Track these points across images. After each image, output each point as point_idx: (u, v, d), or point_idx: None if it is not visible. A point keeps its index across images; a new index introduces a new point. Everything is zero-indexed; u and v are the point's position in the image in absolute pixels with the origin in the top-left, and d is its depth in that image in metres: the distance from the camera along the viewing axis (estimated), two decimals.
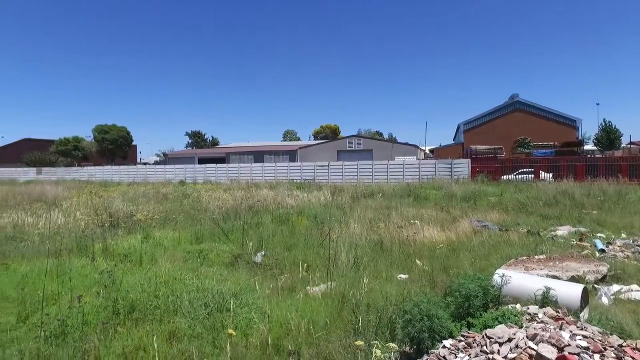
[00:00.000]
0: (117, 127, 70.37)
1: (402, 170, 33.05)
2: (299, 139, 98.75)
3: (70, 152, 67.52)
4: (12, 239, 9.71)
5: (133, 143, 77.34)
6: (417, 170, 32.60)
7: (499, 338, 3.33)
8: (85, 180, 41.37)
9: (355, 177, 33.00)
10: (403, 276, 6.94)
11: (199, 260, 7.93)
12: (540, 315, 3.98)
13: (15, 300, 5.65)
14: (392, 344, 4.04)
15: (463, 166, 31.54)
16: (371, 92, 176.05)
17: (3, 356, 4.23)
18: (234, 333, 3.60)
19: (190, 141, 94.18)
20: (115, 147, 68.69)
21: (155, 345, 4.35)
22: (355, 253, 7.84)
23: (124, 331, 4.79)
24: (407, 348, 4.15)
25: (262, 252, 8.26)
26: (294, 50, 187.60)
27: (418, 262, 7.44)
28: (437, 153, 48.69)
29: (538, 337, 3.19)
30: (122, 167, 49.58)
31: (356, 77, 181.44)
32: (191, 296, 5.30)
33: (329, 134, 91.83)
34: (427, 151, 59.89)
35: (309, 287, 6.22)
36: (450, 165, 31.78)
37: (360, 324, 4.52)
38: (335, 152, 51.87)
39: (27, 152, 67.52)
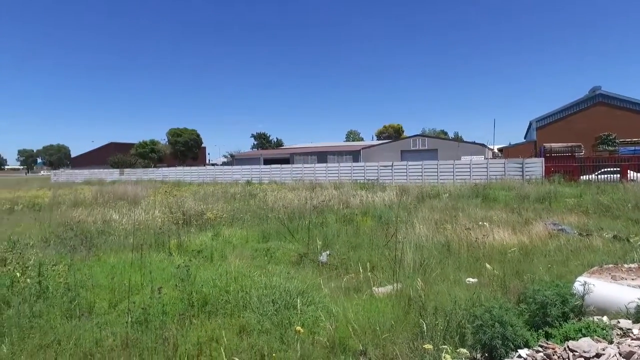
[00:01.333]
0: (189, 130, 74.61)
1: (469, 170, 31.76)
2: (361, 139, 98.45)
3: (148, 154, 72.64)
4: (102, 233, 10.65)
5: (202, 145, 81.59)
6: (485, 170, 31.15)
7: (585, 352, 3.07)
8: (160, 180, 44.29)
9: (420, 178, 32.25)
10: (472, 280, 6.68)
11: (266, 258, 8.19)
12: (636, 331, 3.62)
13: (106, 288, 6.19)
14: (462, 350, 3.90)
15: (536, 166, 29.63)
16: (435, 90, 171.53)
17: (100, 336, 4.66)
18: (302, 330, 3.68)
19: (255, 142, 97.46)
20: (186, 149, 72.88)
21: (226, 338, 4.59)
22: (421, 255, 7.68)
23: (198, 323, 5.08)
24: (478, 355, 3.99)
25: (327, 252, 8.34)
26: (357, 50, 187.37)
27: (488, 265, 7.11)
28: (507, 152, 46.16)
29: (636, 356, 2.89)
30: (192, 168, 52.46)
31: (420, 76, 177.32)
32: (260, 293, 5.49)
33: (392, 134, 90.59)
34: (496, 150, 57.01)
35: (374, 288, 6.19)
36: (521, 165, 30.00)
37: (427, 327, 4.42)
38: (399, 152, 51.02)
39: (112, 154, 73.69)
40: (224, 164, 76.94)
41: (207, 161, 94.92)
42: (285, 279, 5.98)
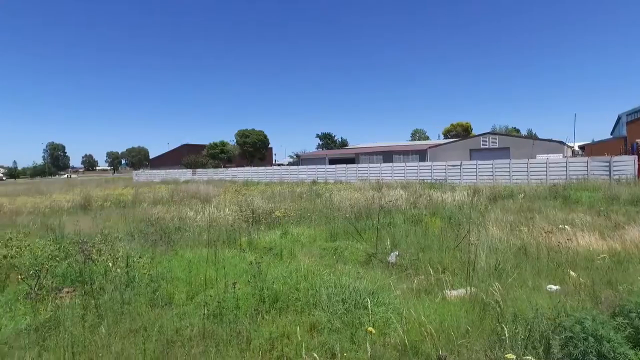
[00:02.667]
0: (256, 131, 77.22)
1: (545, 169, 29.64)
2: (427, 138, 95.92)
3: (218, 155, 76.26)
4: (179, 230, 11.33)
5: (269, 145, 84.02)
6: (564, 169, 28.86)
7: None
8: (229, 180, 46.29)
9: (491, 177, 30.68)
10: (553, 287, 6.20)
11: (334, 257, 8.22)
12: None
13: (184, 281, 6.56)
14: None
15: (626, 164, 26.87)
16: (506, 86, 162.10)
17: (180, 325, 4.95)
18: (373, 331, 3.63)
19: (320, 142, 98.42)
20: (254, 149, 75.50)
21: (298, 335, 4.65)
22: (496, 258, 7.28)
23: (269, 318, 5.20)
24: None
25: (396, 252, 8.19)
26: (423, 48, 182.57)
27: (572, 273, 6.56)
28: (589, 149, 42.51)
29: None
30: (260, 168, 54.23)
31: (488, 72, 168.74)
32: (329, 291, 5.50)
33: (460, 133, 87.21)
34: (576, 148, 52.68)
35: (446, 291, 5.97)
36: (608, 163, 27.38)
37: (506, 335, 4.17)
38: (468, 151, 48.92)
39: (186, 155, 78.28)
40: (289, 164, 78.64)
41: (274, 161, 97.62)
42: (354, 279, 5.95)
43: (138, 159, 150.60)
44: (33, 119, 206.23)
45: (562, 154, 41.47)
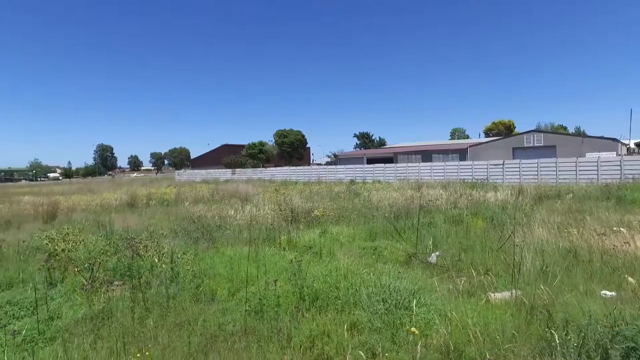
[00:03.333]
0: (294, 131, 77.91)
1: (596, 168, 28.08)
2: (467, 137, 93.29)
3: (257, 155, 77.52)
4: (219, 227, 11.61)
5: (307, 145, 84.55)
6: (619, 168, 27.22)
7: None
8: (268, 179, 46.96)
9: (535, 177, 29.45)
10: (608, 293, 5.86)
11: (373, 256, 8.16)
12: None
13: (225, 278, 6.71)
14: None
15: None
16: (551, 81, 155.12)
17: (222, 320, 5.07)
18: (416, 332, 3.57)
19: (358, 142, 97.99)
20: (292, 149, 76.21)
21: (338, 334, 4.65)
22: (542, 260, 6.98)
23: (309, 316, 5.23)
24: None
25: (437, 253, 8.03)
26: (462, 45, 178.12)
27: (630, 279, 6.17)
28: None
29: None
30: (298, 167, 54.65)
31: (531, 67, 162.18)
32: (369, 291, 5.47)
33: (502, 131, 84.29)
34: (632, 145, 49.56)
35: (489, 293, 5.79)
36: None
37: (557, 342, 3.98)
38: (510, 150, 47.11)
39: (225, 156, 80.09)
40: (327, 163, 78.83)
41: (312, 161, 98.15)
42: (394, 279, 5.88)
43: (180, 159, 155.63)
44: (85, 121, 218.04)
45: (615, 152, 39.14)
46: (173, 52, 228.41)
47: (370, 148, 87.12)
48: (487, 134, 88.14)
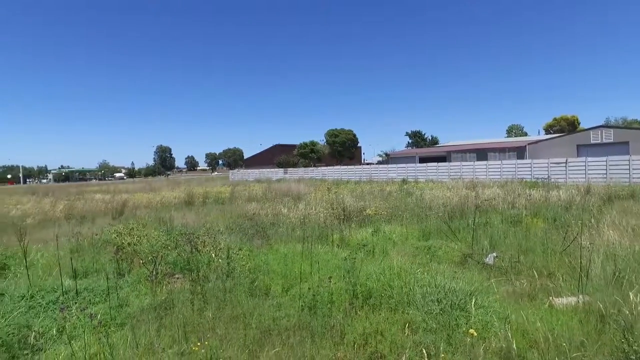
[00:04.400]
0: (345, 130, 77.84)
1: None
2: (525, 134, 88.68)
3: (308, 155, 78.24)
4: (273, 225, 11.86)
5: (358, 145, 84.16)
6: None
7: None
8: (319, 178, 47.27)
9: (604, 176, 27.43)
10: None
11: (427, 256, 8.00)
12: None
13: (279, 274, 6.85)
14: None
15: None
16: (623, 72, 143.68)
17: (276, 315, 5.19)
18: (475, 334, 3.45)
19: (410, 141, 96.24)
20: (343, 149, 76.20)
21: (391, 333, 4.61)
22: (615, 265, 6.49)
23: (362, 314, 5.21)
24: None
25: (494, 254, 7.71)
26: (519, 36, 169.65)
27: None
28: None
29: None
30: (349, 167, 54.60)
31: (598, 58, 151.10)
32: (423, 290, 5.37)
33: (565, 127, 79.33)
34: None
35: (552, 298, 5.48)
36: None
37: (637, 356, 3.69)
38: (574, 147, 44.18)
39: (277, 155, 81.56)
40: (378, 162, 78.11)
41: (363, 160, 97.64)
42: (450, 279, 5.73)
43: (233, 159, 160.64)
44: (146, 123, 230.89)
45: None
46: (226, 54, 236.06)
47: (422, 147, 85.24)
48: (547, 131, 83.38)
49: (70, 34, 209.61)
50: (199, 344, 4.23)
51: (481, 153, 52.48)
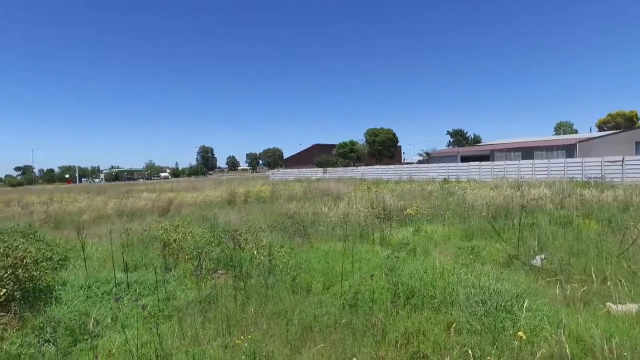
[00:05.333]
0: (385, 129, 77.10)
1: None
2: (575, 132, 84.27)
3: (347, 154, 78.12)
4: (313, 224, 11.94)
5: (398, 144, 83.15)
6: None
7: None
8: (359, 178, 47.07)
9: None
10: None
11: (470, 256, 7.79)
12: None
13: (320, 272, 6.89)
14: None
15: None
16: None
17: (318, 312, 5.23)
18: (524, 337, 3.31)
19: (451, 140, 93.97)
20: (383, 148, 75.51)
21: (434, 333, 4.53)
22: None
23: (404, 314, 5.15)
24: None
25: (542, 255, 7.39)
26: (565, 28, 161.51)
27: None
28: None
29: None
30: (389, 166, 54.04)
31: None
32: (467, 291, 5.23)
33: (621, 123, 74.68)
34: None
35: (609, 304, 5.18)
36: None
37: None
38: (633, 145, 41.65)
39: (317, 155, 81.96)
40: (419, 162, 76.81)
41: (402, 160, 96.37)
42: (495, 280, 5.55)
43: (273, 159, 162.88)
44: (189, 124, 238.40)
45: None
46: (264, 56, 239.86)
47: (464, 146, 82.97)
48: (600, 128, 78.80)
49: (117, 40, 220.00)
50: (242, 337, 4.34)
51: (527, 152, 50.40)
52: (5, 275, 5.23)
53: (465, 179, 36.10)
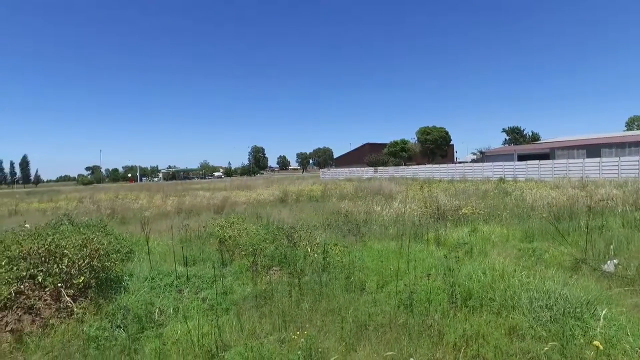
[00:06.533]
0: (437, 128, 75.15)
1: None
2: None
3: (398, 153, 77.00)
4: (365, 222, 11.87)
5: (451, 142, 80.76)
6: None
7: None
8: (410, 177, 46.22)
9: None
10: None
11: (532, 259, 7.39)
12: None
13: (373, 271, 6.83)
14: None
15: None
16: None
17: (372, 311, 5.19)
18: (600, 347, 3.06)
19: (507, 138, 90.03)
20: (435, 147, 73.66)
21: (494, 337, 4.34)
22: None
23: (461, 316, 4.99)
24: None
25: (615, 260, 6.87)
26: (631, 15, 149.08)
27: None
28: None
29: None
30: (441, 165, 52.63)
31: None
32: (530, 295, 4.97)
33: None
34: None
35: None
36: None
37: None
38: None
39: (367, 154, 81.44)
40: (473, 161, 74.24)
41: (455, 159, 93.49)
42: (561, 285, 5.24)
43: (323, 158, 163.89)
44: (241, 124, 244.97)
45: None
46: (315, 55, 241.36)
47: (521, 144, 79.08)
48: None
49: (168, 43, 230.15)
50: (297, 333, 4.39)
51: (592, 149, 47.17)
52: (83, 264, 5.66)
53: (523, 178, 34.42)
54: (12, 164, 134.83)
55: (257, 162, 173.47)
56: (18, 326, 4.90)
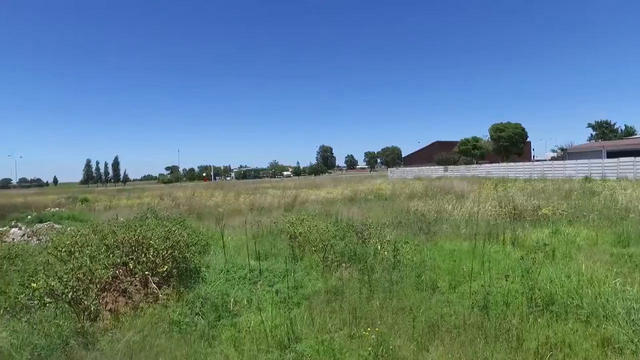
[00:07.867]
0: (512, 124, 70.84)
1: None
2: None
3: (470, 151, 73.68)
4: (436, 222, 11.54)
5: (527, 139, 75.79)
6: None
7: None
8: (483, 176, 44.05)
9: None
10: None
11: (627, 265, 6.71)
12: None
13: (445, 270, 6.65)
14: None
15: None
16: None
17: (444, 311, 5.05)
18: None
19: (594, 133, 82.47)
20: (510, 144, 69.51)
21: (584, 348, 4.03)
22: None
23: (542, 322, 4.68)
24: None
25: None
26: None
27: None
28: None
29: None
30: (517, 163, 49.55)
31: None
32: (627, 305, 4.53)
33: None
34: None
35: None
36: None
37: None
38: None
39: (437, 152, 78.94)
40: (552, 159, 69.05)
41: (532, 156, 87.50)
42: None
43: (392, 157, 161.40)
44: (310, 123, 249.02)
45: None
46: (383, 54, 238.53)
47: (611, 139, 71.99)
48: None
49: (247, 45, 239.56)
50: (368, 329, 4.38)
51: None
52: (166, 254, 6.13)
53: (614, 177, 31.32)
54: (105, 164, 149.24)
55: (325, 162, 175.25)
56: (115, 306, 5.49)
